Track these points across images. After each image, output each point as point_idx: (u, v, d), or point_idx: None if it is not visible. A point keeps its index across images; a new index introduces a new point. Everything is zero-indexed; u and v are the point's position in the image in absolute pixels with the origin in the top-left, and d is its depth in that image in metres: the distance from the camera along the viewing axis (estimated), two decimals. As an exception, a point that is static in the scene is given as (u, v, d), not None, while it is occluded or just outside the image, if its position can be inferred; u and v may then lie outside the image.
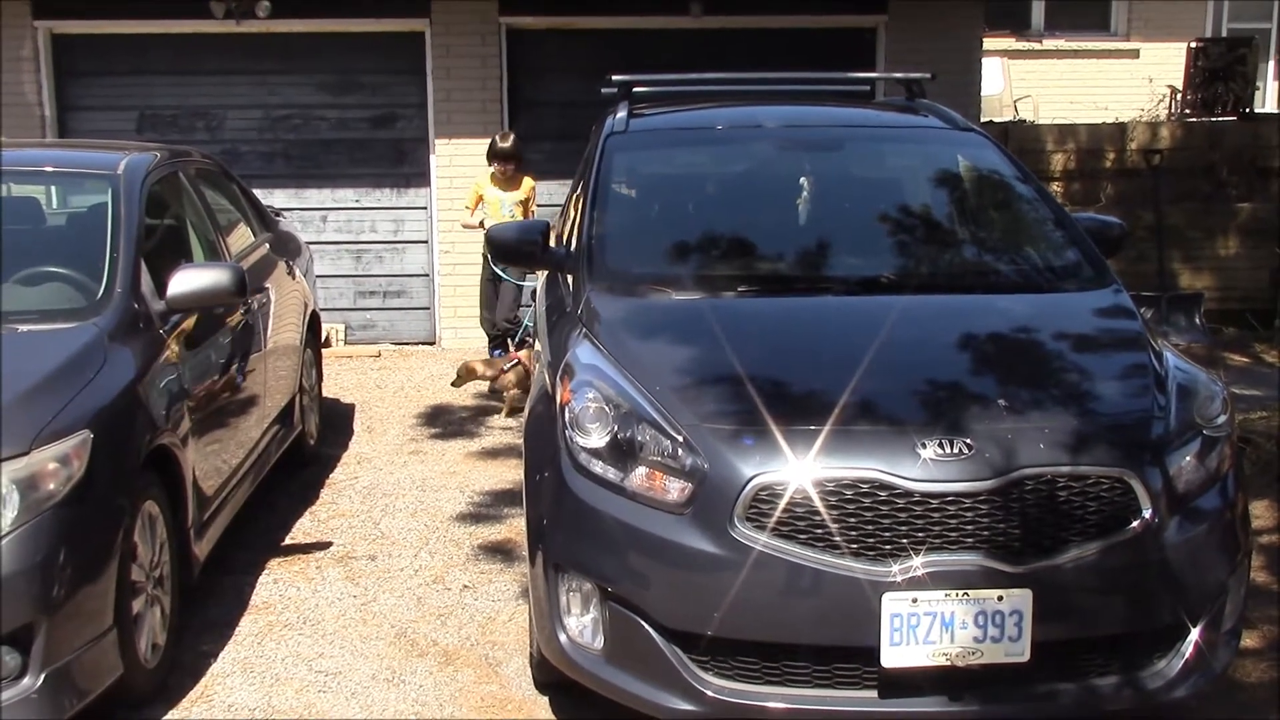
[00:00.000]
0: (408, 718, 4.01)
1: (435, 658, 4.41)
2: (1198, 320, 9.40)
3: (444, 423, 7.53)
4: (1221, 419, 3.78)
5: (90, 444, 3.72)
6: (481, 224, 8.38)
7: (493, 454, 6.86)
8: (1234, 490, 3.73)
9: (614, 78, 5.64)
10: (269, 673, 4.31)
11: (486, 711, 4.05)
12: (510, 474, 6.35)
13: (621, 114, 5.31)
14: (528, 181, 8.66)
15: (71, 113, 9.53)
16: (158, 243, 5.01)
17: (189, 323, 4.77)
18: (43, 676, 3.50)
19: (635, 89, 5.64)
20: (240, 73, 9.54)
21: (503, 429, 7.34)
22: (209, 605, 4.81)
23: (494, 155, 8.51)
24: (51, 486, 3.59)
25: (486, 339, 8.99)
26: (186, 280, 4.63)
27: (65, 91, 9.49)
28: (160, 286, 4.63)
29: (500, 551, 5.40)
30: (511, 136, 8.52)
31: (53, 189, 5.97)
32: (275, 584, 5.05)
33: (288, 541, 5.54)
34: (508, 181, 8.54)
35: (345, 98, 9.61)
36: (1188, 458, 3.61)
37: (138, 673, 3.95)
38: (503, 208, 8.48)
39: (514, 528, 5.61)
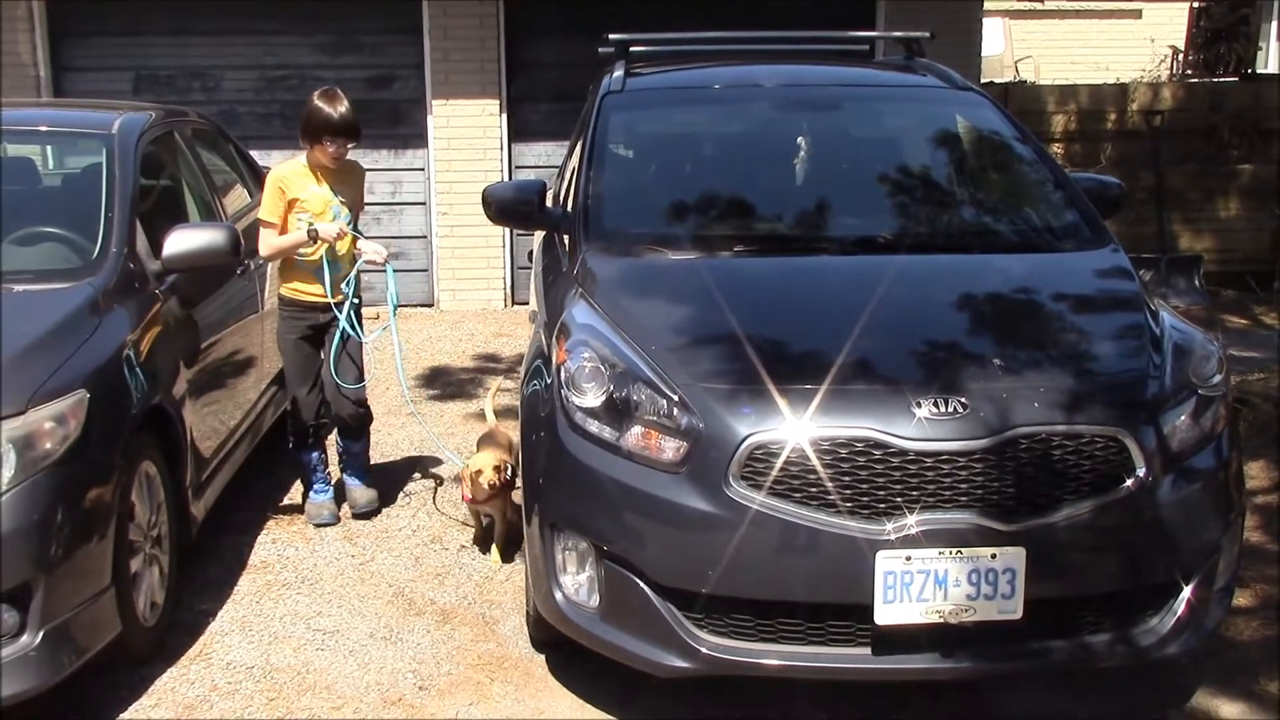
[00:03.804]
0: (405, 675, 4.04)
1: (433, 616, 4.43)
2: (1197, 282, 9.38)
3: (442, 384, 7.53)
4: (1217, 378, 3.78)
5: (86, 403, 3.72)
6: (318, 236, 4.94)
7: (491, 415, 6.86)
8: (1228, 450, 3.74)
9: (611, 37, 5.61)
10: (267, 631, 4.33)
11: (483, 669, 4.07)
12: (508, 435, 6.35)
13: (618, 73, 5.28)
14: (359, 170, 5.30)
15: (67, 73, 9.46)
16: (153, 203, 5.00)
17: (185, 283, 4.76)
18: (41, 634, 3.52)
19: (632, 48, 5.61)
20: (237, 33, 9.47)
21: (500, 390, 7.33)
22: (208, 565, 4.83)
23: (323, 129, 4.89)
24: (48, 446, 3.60)
25: (294, 439, 5.34)
26: (182, 240, 4.61)
27: (61, 52, 9.42)
28: (156, 246, 4.62)
29: (498, 512, 5.41)
30: (345, 98, 4.97)
31: (48, 149, 5.97)
32: (274, 544, 5.07)
33: (286, 502, 5.56)
34: (338, 173, 5.07)
35: (342, 58, 9.55)
36: (1182, 417, 3.62)
37: (136, 631, 3.97)
38: (333, 214, 5.03)
39: (511, 488, 5.62)
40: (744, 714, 3.79)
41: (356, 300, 5.13)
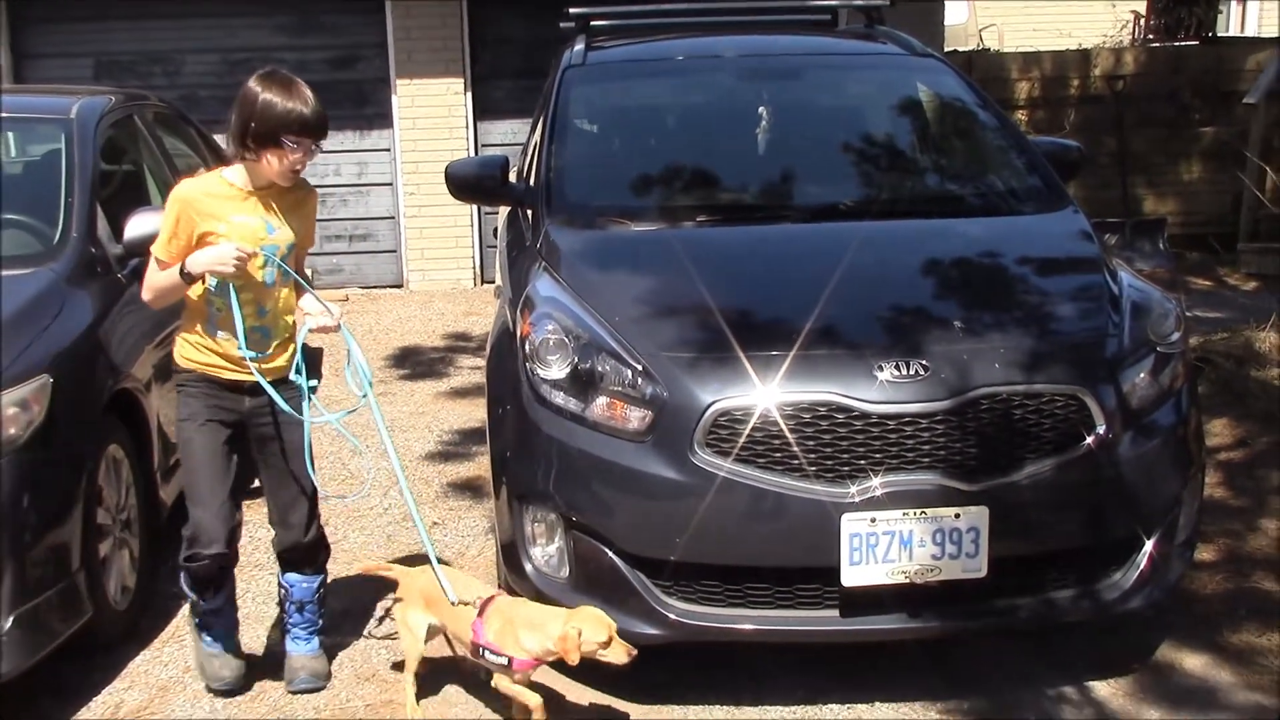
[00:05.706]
0: (378, 650, 4.05)
1: (406, 593, 4.44)
2: (1161, 245, 9.43)
3: (412, 364, 7.53)
4: (1175, 336, 3.83)
5: (50, 388, 3.71)
6: (195, 276, 3.44)
7: (461, 393, 6.88)
8: (1187, 406, 3.79)
9: (572, 11, 5.60)
10: (240, 612, 4.32)
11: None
12: (478, 413, 6.35)
13: (579, 47, 5.28)
14: (313, 194, 3.81)
15: (28, 61, 9.38)
16: (114, 187, 4.97)
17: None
18: (12, 619, 3.52)
19: (594, 22, 5.60)
20: (197, 15, 9.40)
21: (471, 369, 7.34)
22: (178, 548, 4.80)
23: (285, 126, 3.36)
24: (12, 431, 3.58)
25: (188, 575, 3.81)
26: (143, 223, 4.55)
27: (20, 39, 9.34)
28: (117, 230, 4.60)
29: (468, 488, 5.43)
30: (306, 87, 3.43)
31: (8, 135, 5.90)
32: (245, 525, 5.03)
33: (257, 484, 5.53)
34: (285, 196, 3.58)
35: (304, 39, 9.49)
36: (1141, 374, 3.67)
37: (108, 614, 3.97)
38: (265, 258, 3.53)
39: (482, 465, 5.63)
40: (716, 679, 3.82)
41: (309, 381, 3.66)
